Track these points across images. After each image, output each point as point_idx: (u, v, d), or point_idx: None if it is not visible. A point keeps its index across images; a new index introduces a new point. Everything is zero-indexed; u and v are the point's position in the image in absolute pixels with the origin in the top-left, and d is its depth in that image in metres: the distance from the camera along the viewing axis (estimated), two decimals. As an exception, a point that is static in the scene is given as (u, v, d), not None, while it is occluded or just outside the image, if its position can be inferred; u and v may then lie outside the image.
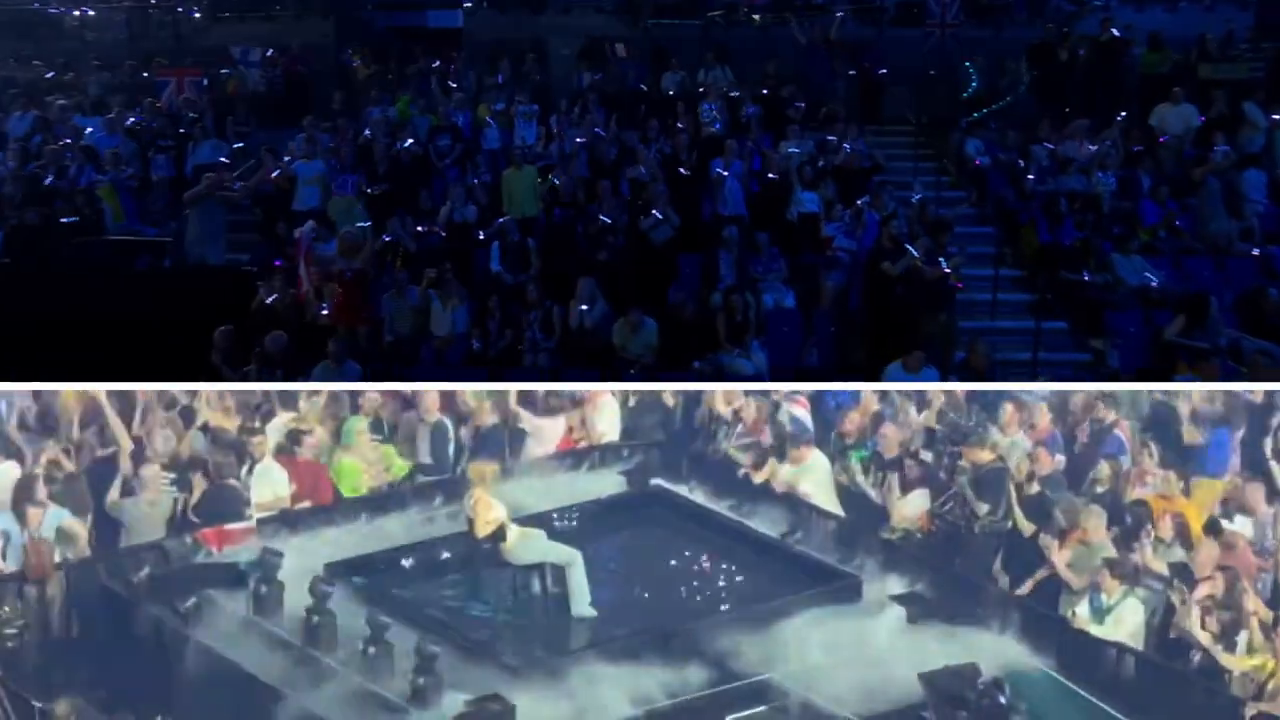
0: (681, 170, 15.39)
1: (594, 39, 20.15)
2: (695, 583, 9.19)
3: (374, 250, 13.16)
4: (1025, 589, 9.35)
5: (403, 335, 12.70)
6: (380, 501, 9.95)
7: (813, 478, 10.17)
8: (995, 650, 8.16)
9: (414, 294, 12.86)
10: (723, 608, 8.80)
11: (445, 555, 9.14)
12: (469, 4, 21.90)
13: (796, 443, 10.29)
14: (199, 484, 9.81)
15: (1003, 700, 7.57)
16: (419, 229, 14.11)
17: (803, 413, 10.75)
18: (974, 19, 20.29)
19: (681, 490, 10.08)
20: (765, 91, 18.16)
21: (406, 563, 9.12)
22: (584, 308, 12.42)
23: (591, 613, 8.66)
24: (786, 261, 13.75)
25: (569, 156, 15.76)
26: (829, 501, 10.10)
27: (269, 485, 9.94)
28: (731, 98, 17.70)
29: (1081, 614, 8.80)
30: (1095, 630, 8.67)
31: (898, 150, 18.05)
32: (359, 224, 13.54)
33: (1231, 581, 8.68)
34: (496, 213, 14.61)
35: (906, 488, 10.10)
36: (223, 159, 15.47)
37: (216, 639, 8.38)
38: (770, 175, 15.36)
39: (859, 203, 14.36)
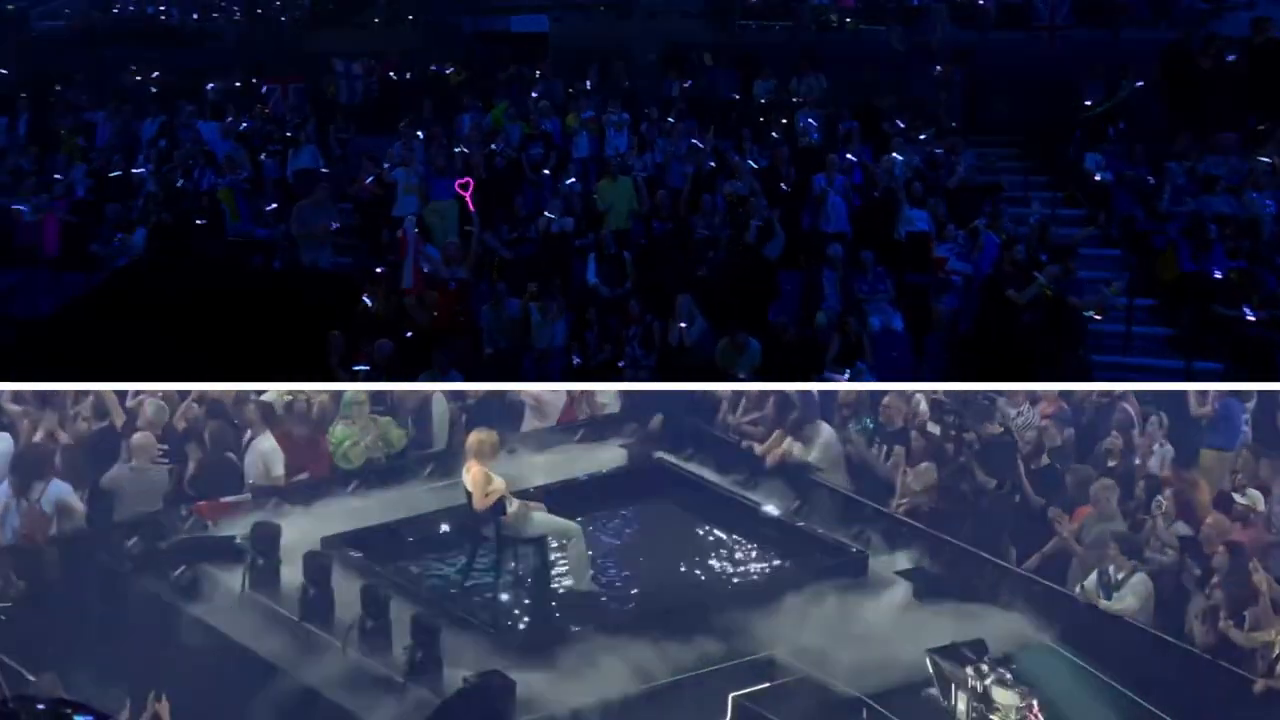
0: (782, 185, 14.51)
1: (679, 45, 19.09)
2: (698, 557, 9.08)
3: (475, 258, 13.05)
4: (1032, 563, 9.23)
5: (502, 347, 12.42)
6: (378, 474, 9.85)
7: (820, 451, 10.05)
8: (1003, 625, 8.07)
9: (514, 306, 12.50)
10: (726, 583, 8.68)
11: (444, 529, 9.04)
12: (554, 10, 21.09)
13: (803, 416, 10.16)
14: (194, 455, 9.68)
15: (1009, 676, 7.48)
16: (513, 235, 13.84)
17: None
18: (1087, 20, 18.18)
19: (684, 464, 9.95)
20: (862, 101, 16.87)
21: (405, 537, 9.01)
22: (683, 325, 11.90)
23: (592, 587, 8.56)
24: (893, 281, 12.83)
25: (662, 167, 15.16)
26: (837, 475, 9.97)
27: (263, 461, 9.81)
28: (828, 107, 16.62)
29: (1090, 588, 8.69)
30: (1103, 605, 8.56)
31: (1003, 163, 16.55)
32: (467, 227, 13.50)
33: (1240, 556, 8.57)
34: (589, 222, 14.18)
35: (913, 461, 9.96)
36: (321, 168, 15.71)
37: (212, 613, 8.31)
38: (874, 192, 14.38)
39: (975, 223, 13.33)
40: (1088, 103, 16.11)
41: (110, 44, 21.40)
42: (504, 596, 8.51)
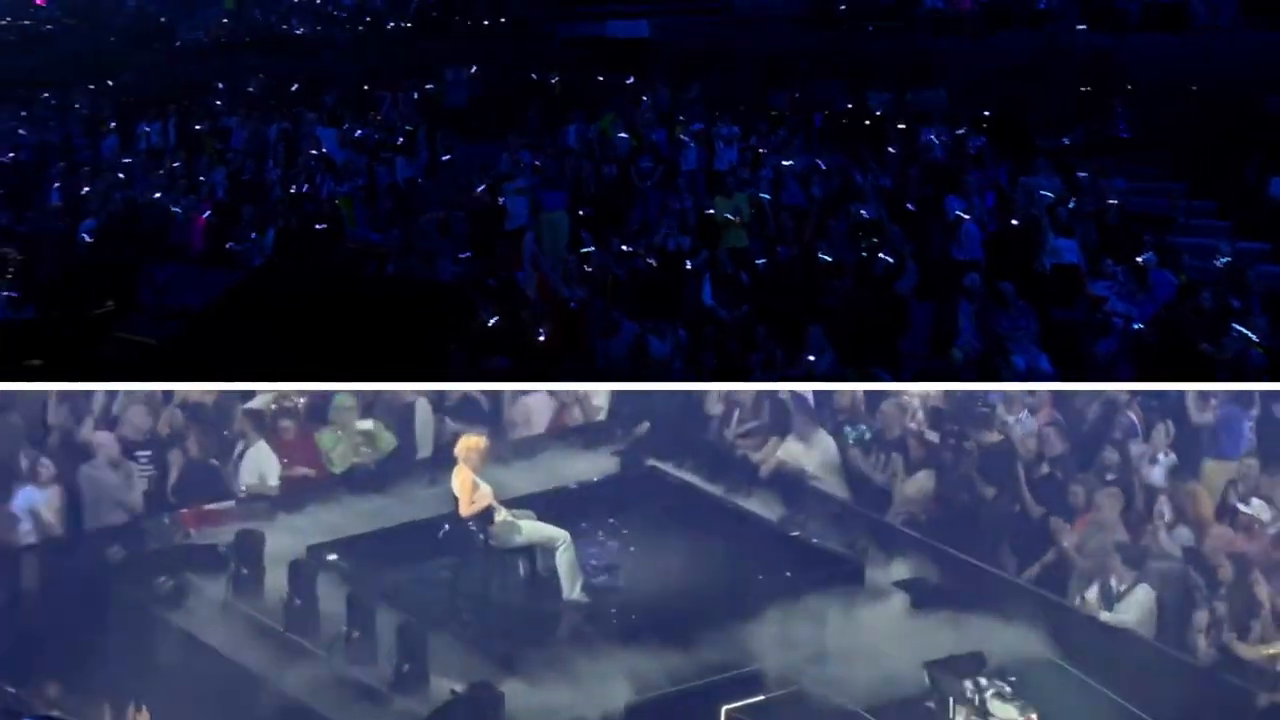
0: (909, 206, 13.39)
1: (782, 51, 17.89)
2: (690, 567, 8.90)
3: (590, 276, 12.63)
4: (1032, 574, 9.07)
5: (618, 372, 11.63)
6: (365, 481, 9.71)
7: (816, 459, 9.89)
8: (1002, 637, 7.91)
9: (629, 331, 11.73)
10: (719, 593, 8.52)
11: (432, 537, 8.86)
12: (653, 15, 20.04)
13: (799, 424, 10.00)
14: (176, 462, 9.54)
15: (1008, 690, 7.34)
16: (624, 249, 13.27)
17: (805, 391, 10.43)
18: (1259, 20, 15.74)
19: (677, 472, 9.81)
20: (985, 114, 15.29)
21: (392, 545, 8.85)
22: (812, 358, 10.95)
23: (583, 597, 8.40)
24: (1037, 318, 11.36)
25: (775, 183, 14.22)
26: (833, 484, 9.82)
27: (258, 469, 9.68)
28: (950, 121, 15.26)
29: (1091, 600, 8.54)
30: (1104, 617, 8.42)
31: (1156, 185, 14.39)
32: (585, 249, 13.15)
33: (1245, 568, 8.43)
34: (702, 239, 13.45)
35: (911, 469, 9.81)
36: (425, 176, 16.07)
37: (194, 623, 8.17)
38: (1013, 218, 13.00)
39: (1142, 259, 11.69)
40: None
41: (239, 53, 22.54)
42: (492, 606, 8.34)
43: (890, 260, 12.12)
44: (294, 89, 20.02)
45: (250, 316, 11.41)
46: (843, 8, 19.21)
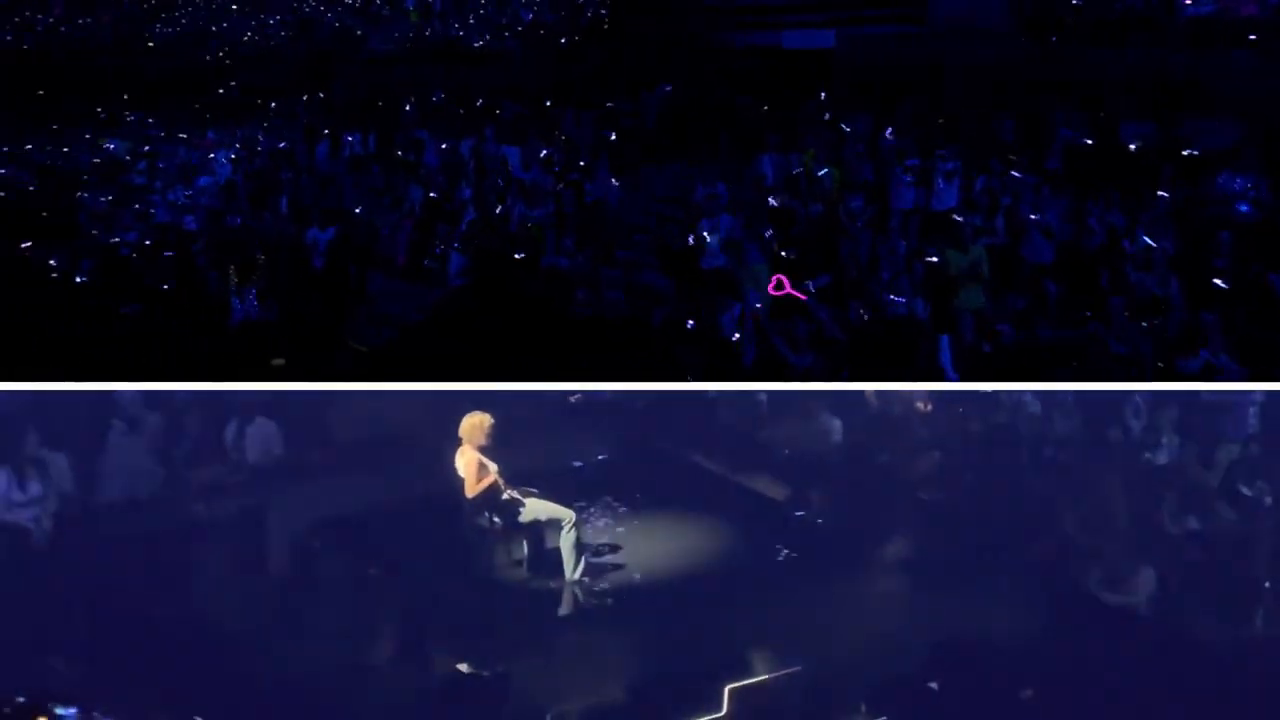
0: (1216, 282, 10.29)
1: (988, 67, 14.99)
2: (694, 546, 8.93)
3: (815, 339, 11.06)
4: (1036, 555, 9.08)
5: None
6: (370, 458, 9.71)
7: (821, 439, 9.91)
8: (1005, 617, 7.91)
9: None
10: (723, 572, 8.54)
11: (436, 514, 8.89)
12: (837, 25, 17.72)
13: (805, 406, 10.03)
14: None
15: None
16: (846, 305, 11.10)
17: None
18: None
19: (681, 451, 9.82)
20: None
21: (396, 521, 8.87)
22: None
23: (585, 576, 8.40)
24: None
25: (1012, 234, 11.77)
26: (837, 464, 9.83)
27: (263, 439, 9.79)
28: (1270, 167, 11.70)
29: (1094, 582, 8.54)
30: (1108, 597, 8.40)
31: None
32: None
33: (1247, 550, 8.45)
34: (928, 295, 11.03)
35: (917, 450, 9.82)
36: (605, 200, 15.43)
37: (195, 596, 8.17)
38: None
39: None
40: None
41: (423, 65, 22.55)
42: (496, 584, 8.35)
43: (1208, 357, 9.34)
44: (478, 103, 19.58)
45: (452, 334, 11.97)
46: (1069, 19, 15.90)
